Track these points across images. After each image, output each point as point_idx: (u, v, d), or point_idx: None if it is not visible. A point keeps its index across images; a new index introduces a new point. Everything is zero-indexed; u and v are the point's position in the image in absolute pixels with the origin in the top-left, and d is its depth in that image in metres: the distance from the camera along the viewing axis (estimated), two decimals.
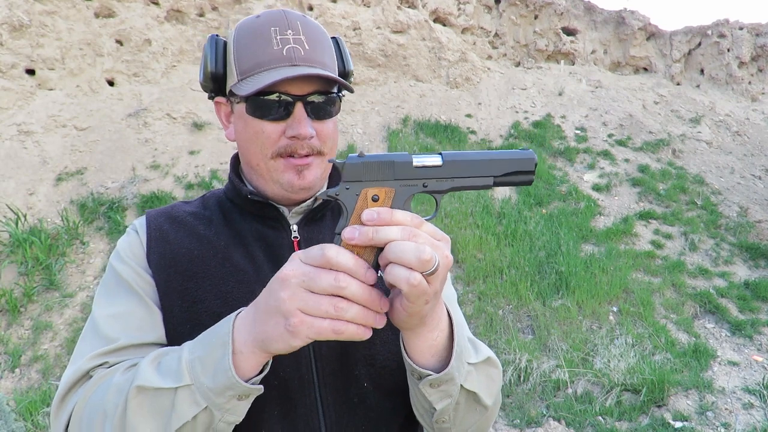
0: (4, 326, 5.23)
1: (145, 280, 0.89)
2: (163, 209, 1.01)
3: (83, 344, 0.85)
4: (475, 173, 0.72)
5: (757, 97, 12.62)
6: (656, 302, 6.07)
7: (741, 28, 12.94)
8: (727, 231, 7.89)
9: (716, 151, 10.43)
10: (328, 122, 0.91)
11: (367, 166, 0.69)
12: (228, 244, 0.94)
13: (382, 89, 10.57)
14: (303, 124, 0.85)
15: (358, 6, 10.86)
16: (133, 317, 0.86)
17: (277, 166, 0.89)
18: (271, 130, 0.87)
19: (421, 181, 0.70)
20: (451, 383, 0.76)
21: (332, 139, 0.93)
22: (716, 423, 4.15)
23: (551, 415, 4.26)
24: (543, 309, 5.75)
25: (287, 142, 0.87)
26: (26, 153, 7.20)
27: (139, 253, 0.92)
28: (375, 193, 0.68)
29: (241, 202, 0.97)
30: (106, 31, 8.68)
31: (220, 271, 0.90)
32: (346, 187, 0.68)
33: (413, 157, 0.70)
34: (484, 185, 0.73)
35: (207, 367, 0.68)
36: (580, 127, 10.56)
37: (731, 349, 5.39)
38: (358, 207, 0.68)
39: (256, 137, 0.88)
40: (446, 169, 0.71)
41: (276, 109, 0.86)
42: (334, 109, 0.92)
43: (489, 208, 7.61)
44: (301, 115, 0.86)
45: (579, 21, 13.25)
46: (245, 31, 0.88)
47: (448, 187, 0.71)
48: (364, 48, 10.49)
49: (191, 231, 0.96)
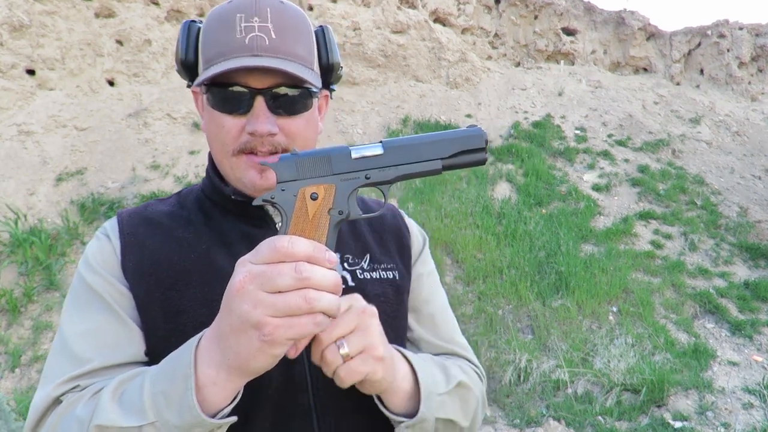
0: (4, 326, 5.24)
1: (120, 292, 0.82)
2: (136, 210, 0.93)
3: (53, 363, 0.78)
4: (420, 157, 0.67)
5: (756, 97, 12.62)
6: (656, 302, 6.08)
7: (741, 29, 12.95)
8: (727, 231, 7.89)
9: (716, 151, 10.43)
10: (298, 119, 0.83)
11: (302, 164, 0.65)
12: (210, 246, 0.87)
13: (382, 89, 10.58)
14: (261, 120, 0.79)
15: (358, 6, 10.87)
16: (105, 335, 0.78)
17: (239, 164, 0.84)
18: (231, 124, 0.81)
19: (363, 173, 0.66)
20: (426, 422, 0.77)
21: (303, 137, 0.85)
22: (716, 423, 4.15)
23: (551, 415, 4.26)
24: (543, 309, 5.75)
25: (247, 138, 0.81)
26: (26, 153, 7.21)
27: (112, 262, 0.84)
28: (313, 191, 0.64)
29: (221, 200, 0.91)
30: (106, 32, 8.69)
31: (204, 276, 0.83)
32: (281, 188, 0.64)
33: (351, 148, 0.66)
34: (432, 170, 0.68)
35: (171, 402, 0.62)
36: (579, 127, 10.57)
37: (731, 349, 5.39)
38: (297, 208, 0.64)
39: (218, 132, 0.83)
40: (388, 157, 0.67)
41: (237, 101, 0.80)
42: (307, 103, 0.85)
43: (489, 208, 7.61)
44: (260, 110, 0.80)
45: (579, 21, 13.26)
46: (214, 18, 0.83)
47: (393, 176, 0.67)
48: (364, 48, 10.49)
49: (168, 234, 0.88)
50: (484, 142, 0.69)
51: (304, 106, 0.84)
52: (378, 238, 0.98)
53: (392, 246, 0.99)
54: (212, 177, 0.93)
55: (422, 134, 0.69)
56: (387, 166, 0.67)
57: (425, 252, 1.06)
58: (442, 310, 1.02)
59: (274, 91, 0.80)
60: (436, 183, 7.94)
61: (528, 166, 8.97)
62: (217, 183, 0.90)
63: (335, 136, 9.11)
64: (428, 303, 0.99)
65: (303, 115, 0.85)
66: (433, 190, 7.78)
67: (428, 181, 7.92)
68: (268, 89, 0.80)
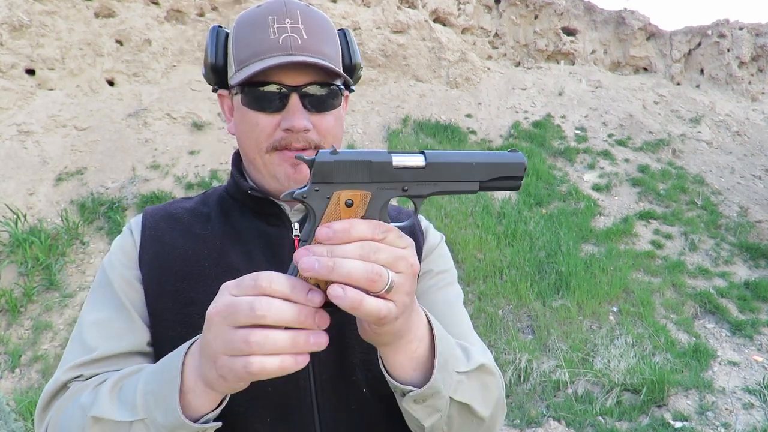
0: (4, 326, 5.23)
1: (132, 286, 0.86)
2: (162, 207, 0.97)
3: (69, 349, 0.83)
4: (460, 177, 0.65)
5: (757, 97, 12.62)
6: (656, 302, 6.07)
7: (741, 28, 12.94)
8: (727, 231, 7.89)
9: (716, 151, 10.43)
10: (328, 115, 0.86)
11: (341, 165, 0.60)
12: (224, 242, 0.89)
13: (382, 89, 10.57)
14: (297, 116, 0.82)
15: (358, 6, 10.86)
16: (112, 325, 0.83)
17: (272, 160, 0.86)
18: (266, 122, 0.84)
19: (401, 184, 0.63)
20: (438, 397, 0.69)
21: (333, 133, 0.88)
22: (716, 423, 4.15)
23: (551, 415, 4.26)
24: (543, 309, 5.75)
25: (282, 135, 0.83)
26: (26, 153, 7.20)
27: (132, 254, 0.89)
28: (349, 197, 0.60)
29: (241, 198, 0.93)
30: (106, 31, 8.68)
31: (215, 271, 0.86)
32: (315, 188, 0.59)
33: (393, 156, 0.62)
34: (468, 190, 0.66)
35: (159, 402, 0.64)
36: (580, 127, 10.56)
37: (731, 349, 5.39)
38: (329, 213, 0.60)
39: (252, 130, 0.85)
40: (429, 171, 0.64)
41: (271, 100, 0.83)
42: (336, 102, 0.88)
43: (489, 208, 7.61)
44: (295, 107, 0.82)
45: (579, 21, 13.25)
46: (244, 22, 0.86)
47: (429, 191, 0.64)
48: (364, 48, 10.48)
49: (187, 229, 0.91)
50: (523, 171, 0.67)
51: (333, 104, 0.87)
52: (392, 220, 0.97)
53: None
54: (234, 175, 0.95)
55: (464, 152, 0.66)
56: (427, 181, 0.64)
57: (438, 252, 1.04)
58: (450, 307, 0.97)
59: (307, 88, 0.83)
60: None
61: (528, 166, 8.94)
62: (238, 179, 0.93)
63: None
64: (434, 300, 0.95)
65: (333, 112, 0.87)
66: None
67: None
68: (302, 86, 0.83)
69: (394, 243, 0.58)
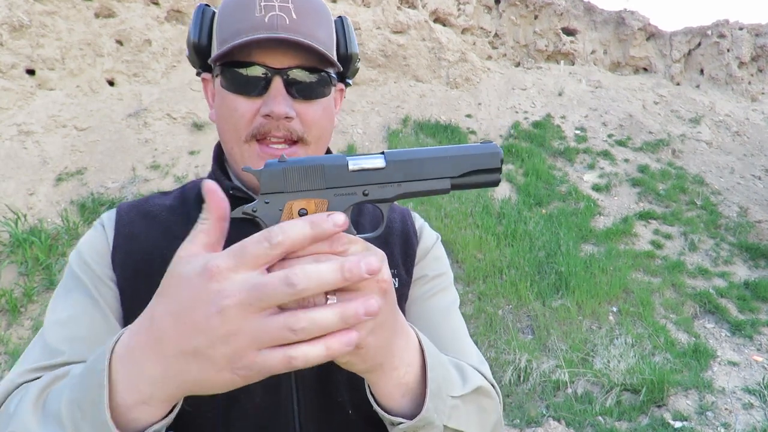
0: (4, 326, 5.24)
1: (105, 284, 0.77)
2: (137, 202, 0.88)
3: (29, 349, 0.73)
4: (427, 174, 0.59)
5: (757, 97, 12.62)
6: (656, 302, 6.08)
7: (741, 29, 12.95)
8: (727, 231, 7.89)
9: (716, 151, 10.43)
10: (315, 104, 0.79)
11: (291, 173, 0.55)
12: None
13: (382, 89, 10.57)
14: (279, 101, 0.74)
15: (358, 6, 10.87)
16: (81, 325, 0.73)
17: (250, 152, 0.78)
18: (245, 107, 0.76)
19: (361, 188, 0.57)
20: (430, 427, 0.61)
21: (319, 125, 0.80)
22: (716, 423, 4.15)
23: (551, 415, 4.26)
24: (543, 309, 5.75)
25: (261, 122, 0.76)
26: (26, 153, 7.21)
27: (104, 251, 0.80)
28: (302, 206, 0.55)
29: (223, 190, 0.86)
30: (106, 32, 8.69)
31: None
32: (265, 200, 0.55)
33: (349, 159, 0.57)
34: (439, 189, 0.60)
35: (85, 413, 0.52)
36: (579, 127, 10.57)
37: (731, 349, 5.39)
38: None
39: (231, 115, 0.77)
40: (390, 171, 0.58)
41: (252, 82, 0.75)
42: (325, 90, 0.80)
43: (489, 208, 7.61)
44: (277, 91, 0.75)
45: (579, 21, 13.25)
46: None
47: (394, 194, 0.58)
48: (364, 48, 10.49)
49: (165, 229, 0.83)
50: (499, 162, 0.61)
51: (322, 92, 0.80)
52: (382, 243, 0.90)
53: (397, 251, 0.90)
54: (215, 171, 0.87)
55: (430, 148, 0.61)
56: (388, 182, 0.58)
57: (433, 254, 0.96)
58: (445, 314, 0.89)
59: (293, 72, 0.76)
60: None
61: (528, 166, 8.96)
62: (218, 176, 0.85)
63: (335, 136, 9.11)
64: (429, 307, 0.88)
65: (320, 101, 0.80)
66: None
67: None
68: (287, 69, 0.76)
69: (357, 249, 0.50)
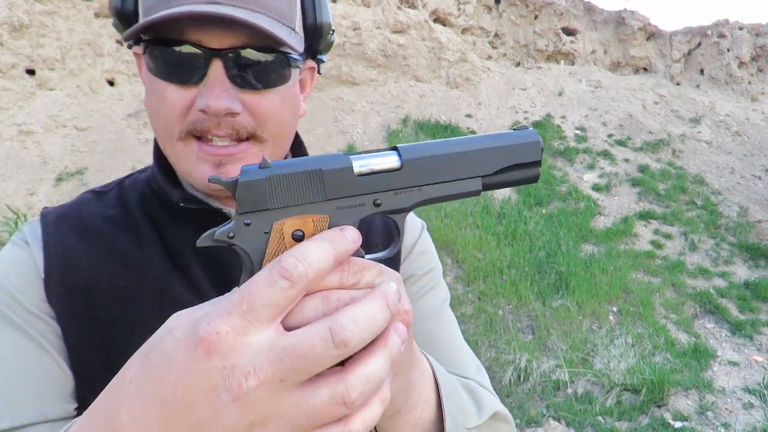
0: None
1: (42, 320, 0.61)
2: (66, 210, 0.69)
3: None
4: (454, 175, 0.46)
5: (757, 97, 12.62)
6: (656, 302, 6.08)
7: (741, 28, 12.95)
8: (727, 231, 7.89)
9: (716, 151, 10.43)
10: (270, 94, 0.62)
11: (278, 182, 0.41)
12: (165, 268, 0.65)
13: (382, 89, 10.58)
14: (217, 92, 0.58)
15: (358, 6, 10.87)
16: (22, 376, 0.57)
17: (187, 152, 0.62)
18: (176, 97, 0.60)
19: (371, 197, 0.44)
20: None
21: (277, 120, 0.64)
22: (716, 423, 4.15)
23: (551, 415, 4.26)
24: (543, 309, 5.75)
25: (198, 117, 0.60)
26: (26, 153, 7.21)
27: (33, 279, 0.62)
28: (297, 226, 0.41)
29: (171, 205, 0.69)
30: (106, 32, 8.69)
31: (157, 310, 0.63)
32: (245, 221, 0.41)
33: (353, 158, 0.44)
34: (469, 191, 0.47)
35: None
36: (580, 127, 10.57)
37: (731, 349, 5.39)
38: (271, 253, 0.41)
39: (159, 107, 0.61)
40: (407, 173, 0.45)
41: (185, 66, 0.59)
42: (284, 75, 0.63)
43: (489, 208, 7.61)
44: (216, 79, 0.59)
45: (579, 21, 13.26)
46: None
47: (413, 202, 0.45)
48: (364, 48, 10.49)
49: (110, 246, 0.65)
50: (540, 153, 0.49)
51: (279, 78, 0.62)
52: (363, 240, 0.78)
53: (380, 244, 0.80)
54: (157, 174, 0.70)
55: (453, 140, 0.47)
56: (406, 187, 0.45)
57: (419, 248, 0.83)
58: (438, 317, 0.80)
59: (238, 54, 0.59)
60: None
61: None
62: (164, 184, 0.69)
63: (335, 136, 9.11)
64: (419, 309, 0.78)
65: (278, 89, 0.63)
66: None
67: None
68: (230, 51, 0.59)
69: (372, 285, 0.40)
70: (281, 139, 0.67)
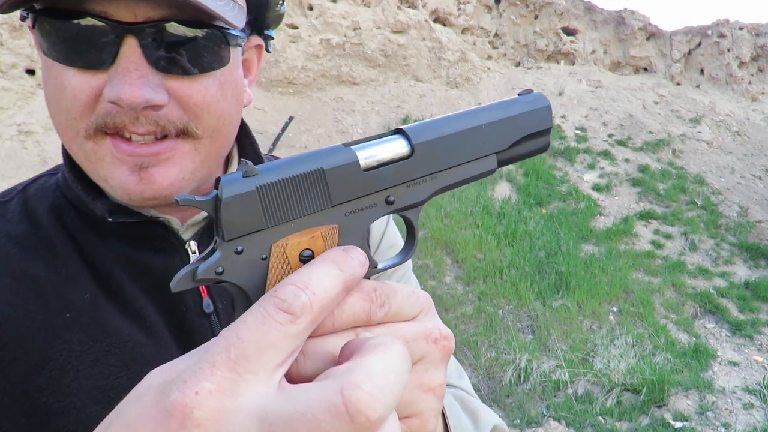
0: None
1: None
2: None
3: None
4: (469, 155, 0.40)
5: (757, 97, 12.62)
6: (656, 302, 6.08)
7: (741, 28, 12.94)
8: (727, 231, 7.89)
9: (716, 151, 10.43)
10: (204, 80, 0.50)
11: (271, 193, 0.33)
12: (93, 294, 0.53)
13: (382, 89, 10.57)
14: (130, 78, 0.46)
15: (358, 6, 10.86)
16: None
17: (100, 153, 0.50)
18: (79, 85, 0.47)
19: (383, 195, 0.37)
20: None
21: (215, 111, 0.52)
22: (716, 423, 4.15)
23: (551, 415, 4.26)
24: (543, 309, 5.75)
25: (108, 109, 0.48)
26: (26, 153, 7.21)
27: None
28: (305, 245, 0.34)
29: (94, 218, 0.56)
30: None
31: (90, 346, 0.50)
32: (234, 249, 0.32)
33: (356, 150, 0.36)
34: (485, 171, 0.41)
35: None
36: (580, 127, 10.57)
37: (731, 349, 5.39)
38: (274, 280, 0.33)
39: (58, 96, 0.49)
40: (420, 160, 0.38)
41: (87, 45, 0.45)
42: (220, 54, 0.50)
43: (489, 208, 7.61)
44: (129, 61, 0.46)
45: (579, 21, 13.25)
46: None
47: (428, 193, 0.39)
48: (364, 48, 10.49)
49: (21, 274, 0.52)
50: (551, 118, 0.44)
51: (215, 59, 0.50)
52: None
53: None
54: (72, 181, 0.56)
55: (459, 114, 0.41)
56: (420, 177, 0.38)
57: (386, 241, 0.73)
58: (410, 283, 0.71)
59: (159, 29, 0.46)
60: None
61: (528, 165, 8.97)
62: (83, 195, 0.55)
63: (335, 136, 9.11)
64: None
65: (214, 74, 0.51)
66: None
67: None
68: (147, 25, 0.46)
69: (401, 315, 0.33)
70: (220, 134, 0.54)
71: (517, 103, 0.43)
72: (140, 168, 0.50)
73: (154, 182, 0.50)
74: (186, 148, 0.52)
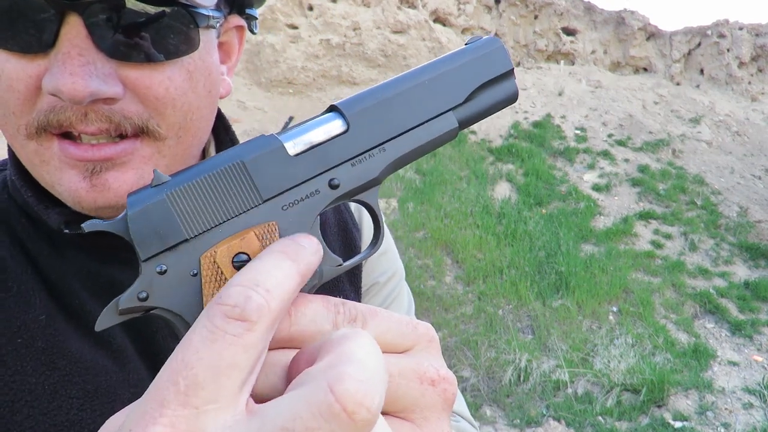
0: None
1: None
2: None
3: None
4: (420, 116, 0.36)
5: (757, 97, 12.63)
6: (656, 302, 6.08)
7: (741, 28, 12.95)
8: (727, 231, 7.89)
9: (716, 151, 10.43)
10: (167, 68, 0.43)
11: (186, 199, 0.30)
12: (49, 315, 0.46)
13: None
14: (71, 65, 0.38)
15: (358, 6, 10.87)
16: None
17: (45, 156, 0.43)
18: (14, 73, 0.40)
19: (324, 178, 0.33)
20: None
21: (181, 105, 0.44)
22: (716, 423, 4.15)
23: (551, 415, 4.26)
24: (543, 309, 5.75)
25: (51, 103, 0.41)
26: None
27: None
28: (236, 250, 0.30)
29: (48, 228, 0.49)
30: None
31: (47, 376, 0.44)
32: (157, 269, 0.29)
33: (281, 137, 0.33)
34: (445, 134, 0.37)
35: None
36: (579, 127, 10.57)
37: (731, 349, 5.39)
38: (210, 297, 0.29)
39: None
40: (359, 133, 0.34)
41: (21, 23, 0.38)
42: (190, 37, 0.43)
43: (489, 208, 7.62)
44: (71, 44, 0.39)
45: (579, 21, 13.26)
46: None
47: (380, 169, 0.34)
48: (364, 48, 10.49)
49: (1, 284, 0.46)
50: (509, 59, 0.38)
51: (182, 43, 0.43)
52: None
53: (336, 248, 0.64)
54: (20, 186, 0.48)
55: (400, 76, 0.37)
56: (363, 152, 0.34)
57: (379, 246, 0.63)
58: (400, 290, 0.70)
59: (111, 5, 0.39)
60: (436, 183, 7.93)
61: (528, 166, 8.97)
62: (33, 202, 0.47)
63: None
64: None
65: (180, 61, 0.43)
66: (432, 189, 7.78)
67: (427, 180, 7.92)
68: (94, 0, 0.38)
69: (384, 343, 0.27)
70: (188, 132, 0.46)
71: (464, 52, 0.38)
72: (92, 173, 0.42)
73: (108, 189, 0.42)
74: (147, 152, 0.44)
